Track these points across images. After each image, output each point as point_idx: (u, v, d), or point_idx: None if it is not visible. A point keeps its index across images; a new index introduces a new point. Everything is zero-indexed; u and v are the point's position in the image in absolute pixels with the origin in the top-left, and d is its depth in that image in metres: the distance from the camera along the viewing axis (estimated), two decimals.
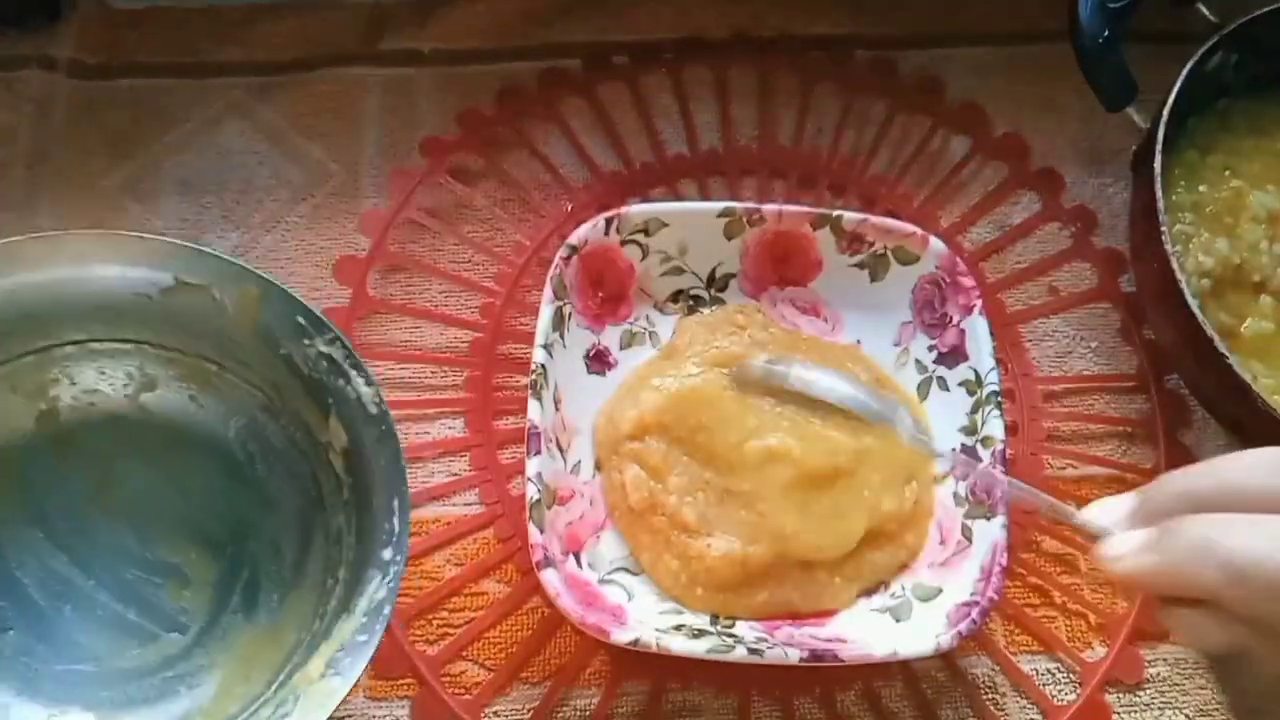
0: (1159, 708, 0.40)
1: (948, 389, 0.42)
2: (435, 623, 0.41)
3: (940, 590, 0.38)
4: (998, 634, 0.41)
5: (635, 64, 0.50)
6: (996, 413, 0.40)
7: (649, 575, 0.40)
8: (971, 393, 0.41)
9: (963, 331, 0.41)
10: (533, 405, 0.39)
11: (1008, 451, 0.39)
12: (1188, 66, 0.41)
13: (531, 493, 0.37)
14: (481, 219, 0.47)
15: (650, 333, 0.44)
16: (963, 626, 0.36)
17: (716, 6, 0.52)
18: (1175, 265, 0.38)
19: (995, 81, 0.50)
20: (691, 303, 0.44)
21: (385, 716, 0.39)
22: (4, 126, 0.48)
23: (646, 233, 0.43)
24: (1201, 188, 0.43)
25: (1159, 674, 0.40)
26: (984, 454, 0.39)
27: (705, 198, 0.48)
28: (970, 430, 0.40)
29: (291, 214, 0.47)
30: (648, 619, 0.38)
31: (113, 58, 0.50)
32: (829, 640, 0.37)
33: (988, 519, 0.38)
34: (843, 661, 0.36)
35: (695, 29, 0.51)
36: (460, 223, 0.47)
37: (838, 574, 0.39)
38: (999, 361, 0.41)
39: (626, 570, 0.40)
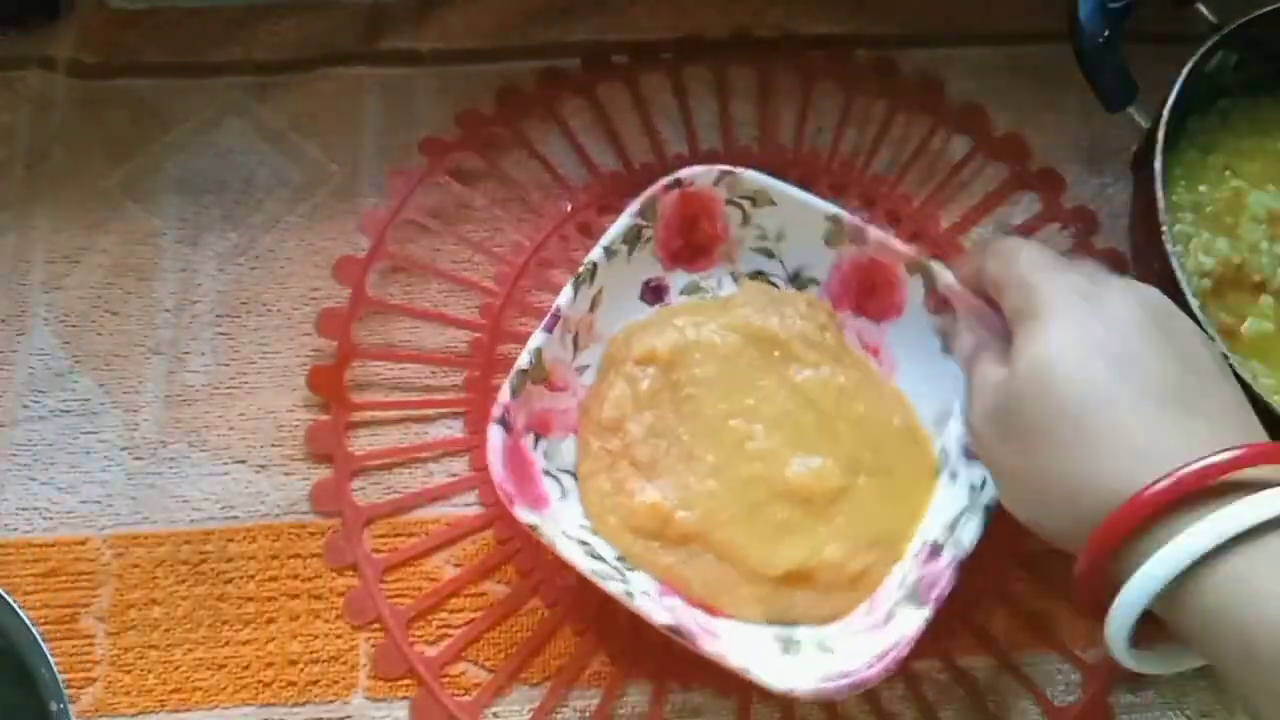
0: (1160, 709, 0.40)
1: (955, 482, 0.40)
2: (435, 623, 0.41)
3: (834, 651, 0.37)
4: (999, 635, 0.41)
5: (635, 64, 0.50)
6: (978, 521, 0.37)
7: (580, 486, 0.40)
8: (971, 495, 0.39)
9: None
10: (566, 291, 0.39)
11: (965, 562, 0.36)
12: (1188, 66, 0.41)
13: (523, 360, 0.38)
14: (481, 219, 0.47)
15: (716, 294, 0.44)
16: (828, 688, 0.34)
17: (716, 5, 0.52)
18: (1176, 265, 0.38)
19: (995, 81, 0.50)
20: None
21: (385, 717, 0.39)
22: (3, 126, 0.49)
23: (754, 202, 0.42)
24: (1202, 188, 0.43)
25: (1161, 675, 0.40)
26: (946, 554, 0.37)
27: None
28: (950, 526, 0.38)
29: (291, 214, 0.47)
30: (564, 523, 0.38)
31: (112, 58, 0.50)
32: (704, 628, 0.36)
33: (916, 608, 0.36)
34: (698, 649, 0.35)
35: (695, 28, 0.51)
36: (460, 223, 0.47)
37: (750, 586, 0.38)
38: None
39: (572, 475, 0.40)
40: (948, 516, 0.39)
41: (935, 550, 0.38)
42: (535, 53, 0.51)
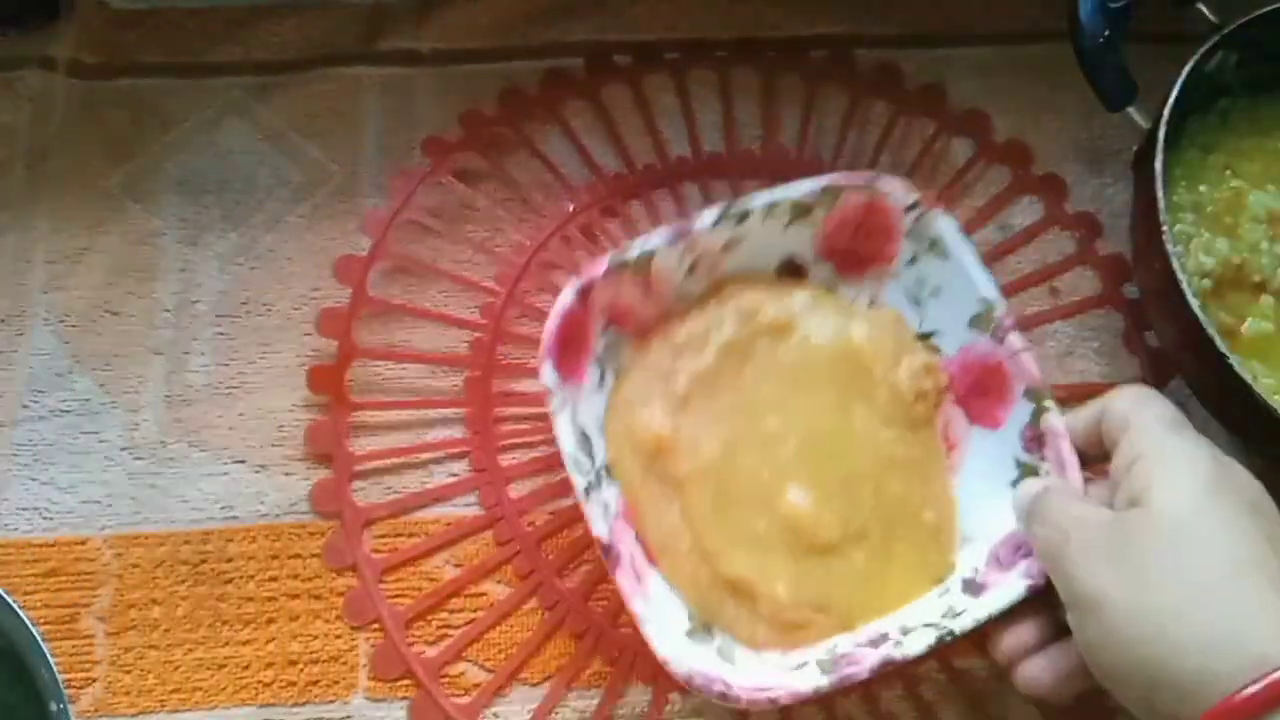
0: None
1: (940, 599, 0.38)
2: (434, 624, 0.41)
3: (733, 663, 0.36)
4: None
5: (638, 64, 0.50)
6: (931, 641, 0.35)
7: (617, 377, 0.40)
8: (942, 616, 0.37)
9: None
10: (709, 214, 0.39)
11: (891, 666, 0.35)
12: (1188, 66, 0.41)
13: (630, 253, 0.39)
14: (483, 219, 0.47)
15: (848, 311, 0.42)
16: (698, 680, 0.34)
17: (716, 5, 0.52)
18: (1176, 265, 0.38)
19: (996, 81, 0.50)
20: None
21: (385, 717, 0.39)
22: (4, 126, 0.48)
23: (930, 247, 0.40)
24: (1202, 188, 0.43)
25: None
26: (883, 649, 0.36)
27: (708, 201, 0.47)
28: (904, 630, 0.37)
29: (291, 214, 0.47)
30: (581, 408, 0.38)
31: (113, 58, 0.50)
32: (634, 565, 0.36)
33: (821, 674, 0.35)
34: (613, 574, 0.35)
35: (696, 28, 0.51)
36: (461, 223, 0.47)
37: (692, 562, 0.38)
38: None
39: (610, 369, 0.40)
40: (911, 620, 0.37)
41: (879, 640, 0.37)
42: (535, 53, 0.51)
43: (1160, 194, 0.39)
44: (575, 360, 0.38)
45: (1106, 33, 0.42)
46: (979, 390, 0.40)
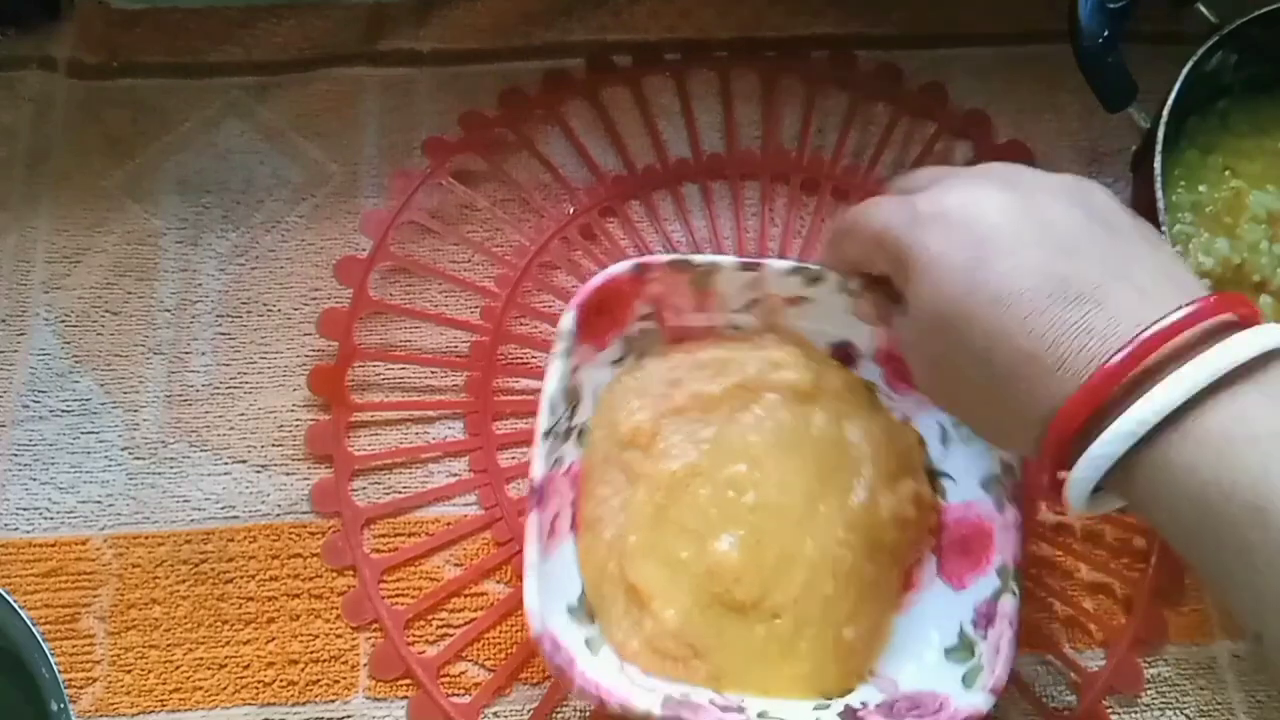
0: (1159, 708, 0.40)
1: (832, 712, 0.37)
2: (435, 624, 0.41)
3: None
4: None
5: (637, 65, 0.50)
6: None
7: (630, 368, 0.41)
8: None
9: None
10: (786, 261, 0.39)
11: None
12: (1187, 66, 0.41)
13: (715, 261, 0.39)
14: (483, 220, 0.47)
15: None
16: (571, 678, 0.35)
17: (716, 5, 0.52)
18: None
19: (995, 81, 0.50)
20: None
21: (386, 717, 0.39)
22: (4, 126, 0.49)
23: None
24: (1201, 188, 0.43)
25: (1159, 674, 0.40)
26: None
27: (708, 202, 0.48)
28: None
29: (291, 214, 0.47)
30: (591, 369, 0.39)
31: (112, 58, 0.50)
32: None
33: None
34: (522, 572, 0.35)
35: (696, 29, 0.51)
36: (462, 224, 0.47)
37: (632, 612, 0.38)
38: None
39: (635, 352, 0.41)
40: (774, 712, 0.36)
41: (732, 710, 0.36)
42: (535, 53, 0.51)
43: (1159, 194, 0.39)
44: (603, 326, 0.39)
45: (1106, 33, 0.42)
46: (962, 548, 0.39)
